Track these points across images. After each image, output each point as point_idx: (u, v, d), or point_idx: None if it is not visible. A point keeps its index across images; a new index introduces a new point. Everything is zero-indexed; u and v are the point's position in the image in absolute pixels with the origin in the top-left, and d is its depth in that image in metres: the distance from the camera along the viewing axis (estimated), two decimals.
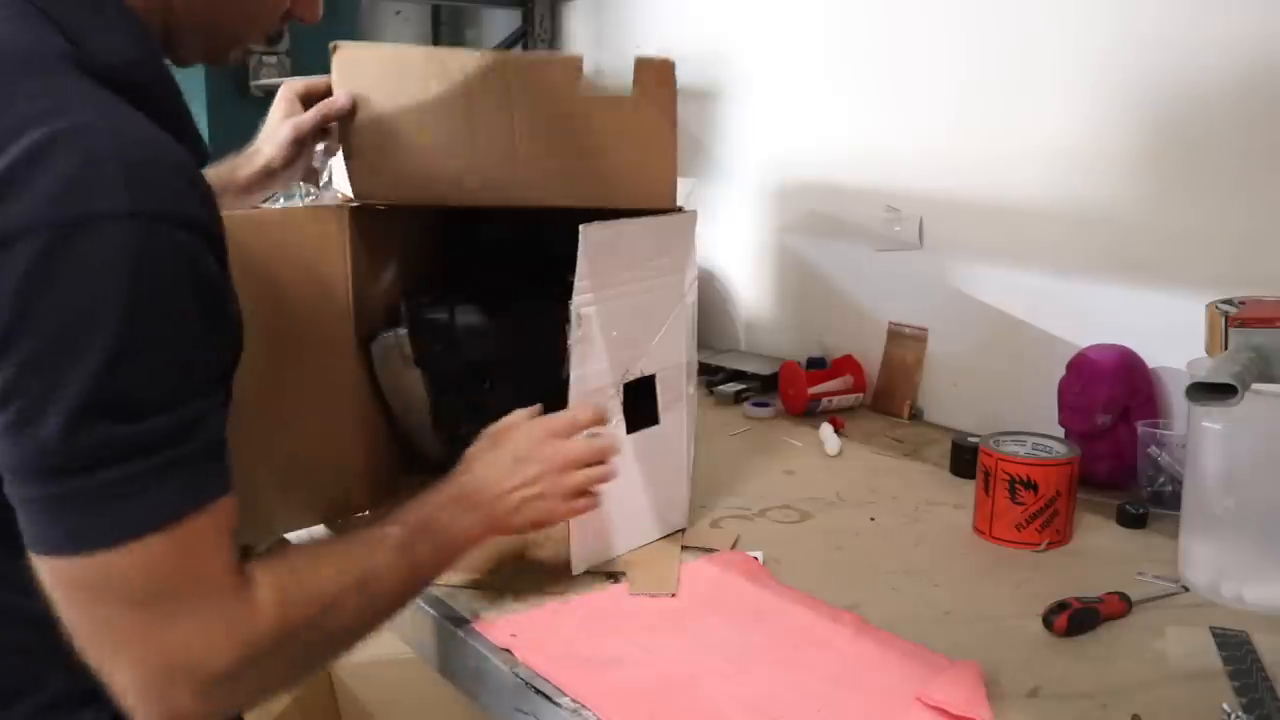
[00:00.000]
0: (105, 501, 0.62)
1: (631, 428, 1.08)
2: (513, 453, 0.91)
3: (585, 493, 0.94)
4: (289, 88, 1.11)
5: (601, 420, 0.97)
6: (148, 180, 0.62)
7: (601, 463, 0.95)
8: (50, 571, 0.63)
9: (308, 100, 1.10)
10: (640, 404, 1.09)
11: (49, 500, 0.62)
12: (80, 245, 0.60)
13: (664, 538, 1.13)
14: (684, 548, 1.11)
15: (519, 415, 0.96)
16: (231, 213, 1.03)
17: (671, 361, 1.11)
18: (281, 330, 1.06)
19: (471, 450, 0.93)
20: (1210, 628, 0.95)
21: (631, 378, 1.06)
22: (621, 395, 1.06)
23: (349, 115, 1.05)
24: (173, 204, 0.63)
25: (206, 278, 0.65)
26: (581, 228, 0.95)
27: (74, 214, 0.60)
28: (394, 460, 1.24)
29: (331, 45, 1.05)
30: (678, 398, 1.13)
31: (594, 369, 1.02)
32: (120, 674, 0.65)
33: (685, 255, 1.10)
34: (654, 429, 1.10)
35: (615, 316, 1.03)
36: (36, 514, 0.62)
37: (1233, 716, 0.81)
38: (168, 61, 0.78)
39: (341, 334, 1.14)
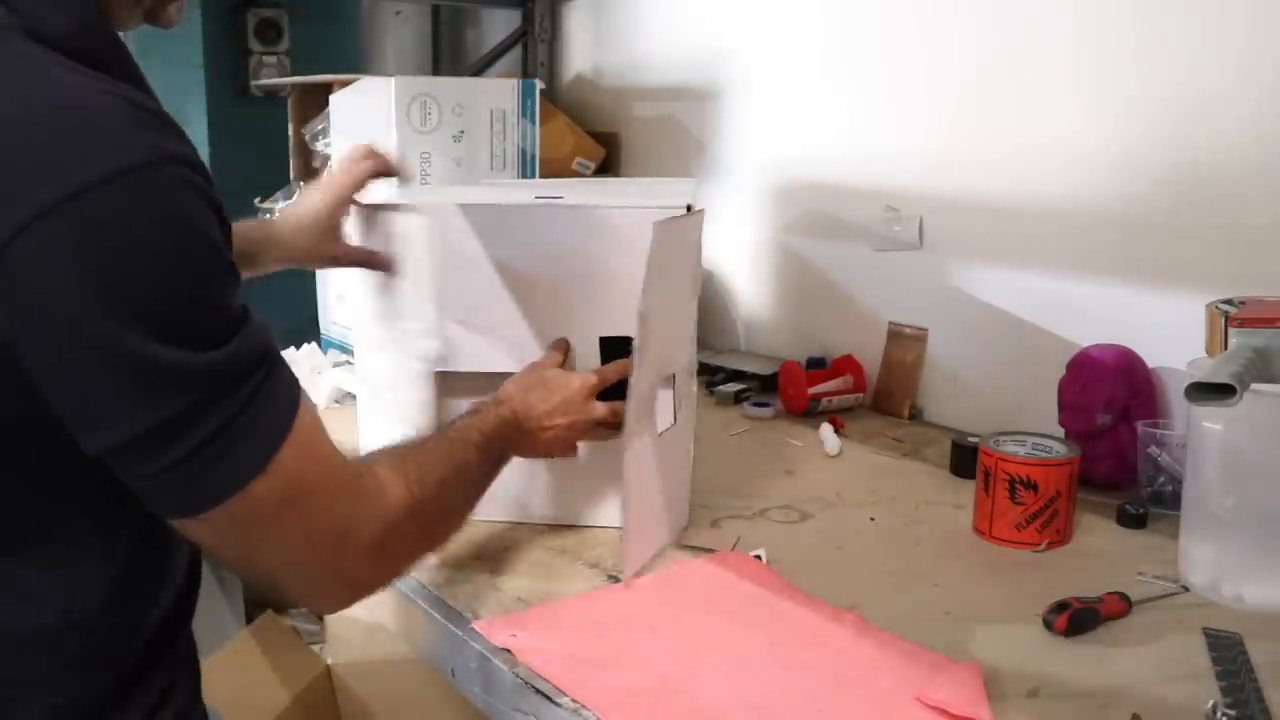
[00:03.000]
0: (233, 441, 0.64)
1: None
2: (562, 396, 1.04)
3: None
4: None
5: (626, 372, 1.01)
6: (144, 126, 0.62)
7: (617, 424, 1.04)
8: (203, 526, 0.67)
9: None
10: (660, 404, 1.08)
11: (181, 463, 0.63)
12: (117, 201, 0.59)
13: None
14: (683, 547, 1.11)
15: (558, 360, 1.09)
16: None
17: (683, 362, 1.12)
18: None
19: (520, 381, 1.06)
20: (1203, 629, 0.95)
21: (668, 374, 1.09)
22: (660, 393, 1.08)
23: None
24: (172, 145, 0.63)
25: (217, 206, 0.65)
26: (655, 225, 0.94)
27: (94, 176, 0.59)
28: None
29: None
30: (686, 396, 1.14)
31: (647, 373, 1.01)
32: (294, 573, 0.72)
33: (694, 255, 1.11)
34: (671, 429, 1.09)
35: (663, 318, 1.03)
36: (174, 484, 0.64)
37: (1218, 714, 0.81)
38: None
39: None
